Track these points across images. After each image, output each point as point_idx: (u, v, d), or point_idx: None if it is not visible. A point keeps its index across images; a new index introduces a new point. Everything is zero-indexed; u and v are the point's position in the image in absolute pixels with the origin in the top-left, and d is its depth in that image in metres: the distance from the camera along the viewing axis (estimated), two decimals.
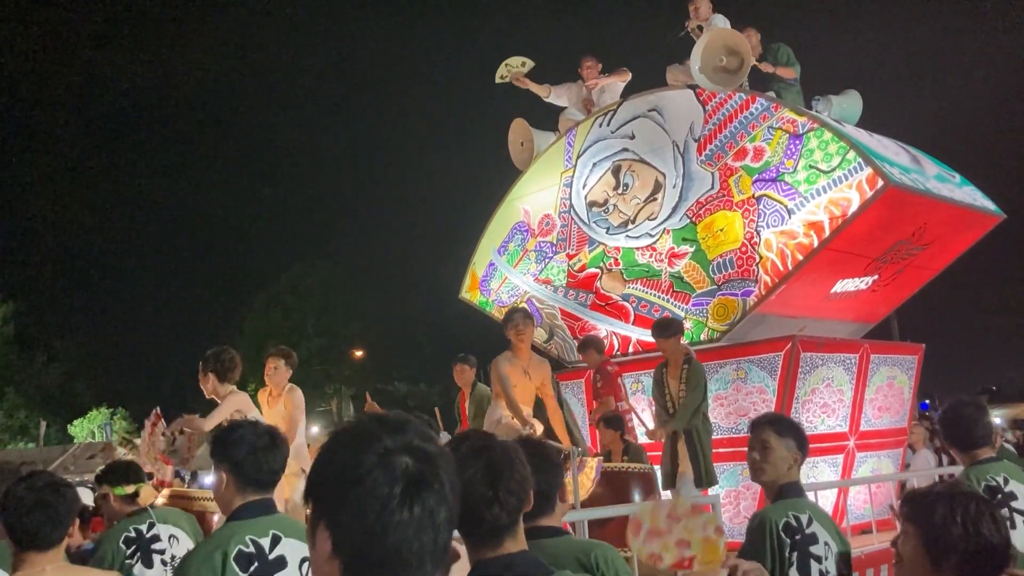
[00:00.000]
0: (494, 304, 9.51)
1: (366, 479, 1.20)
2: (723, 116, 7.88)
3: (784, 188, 7.46)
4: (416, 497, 1.21)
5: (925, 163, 8.11)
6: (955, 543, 2.12)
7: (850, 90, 8.67)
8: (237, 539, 2.59)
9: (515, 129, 9.75)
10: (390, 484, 1.20)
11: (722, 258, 7.79)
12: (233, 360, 5.80)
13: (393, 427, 1.27)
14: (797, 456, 3.13)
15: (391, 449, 1.23)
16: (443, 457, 1.28)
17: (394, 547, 1.20)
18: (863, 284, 8.06)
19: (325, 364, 37.47)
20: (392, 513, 1.19)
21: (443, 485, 1.25)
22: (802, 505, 3.06)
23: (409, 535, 1.20)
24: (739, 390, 7.51)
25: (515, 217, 9.46)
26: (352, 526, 1.20)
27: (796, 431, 3.19)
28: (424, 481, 1.22)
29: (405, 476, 1.21)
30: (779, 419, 3.33)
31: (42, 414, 34.08)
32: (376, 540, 1.19)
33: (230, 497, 2.70)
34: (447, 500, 1.25)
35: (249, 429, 2.77)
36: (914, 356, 8.67)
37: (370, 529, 1.19)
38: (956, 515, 2.14)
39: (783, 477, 3.12)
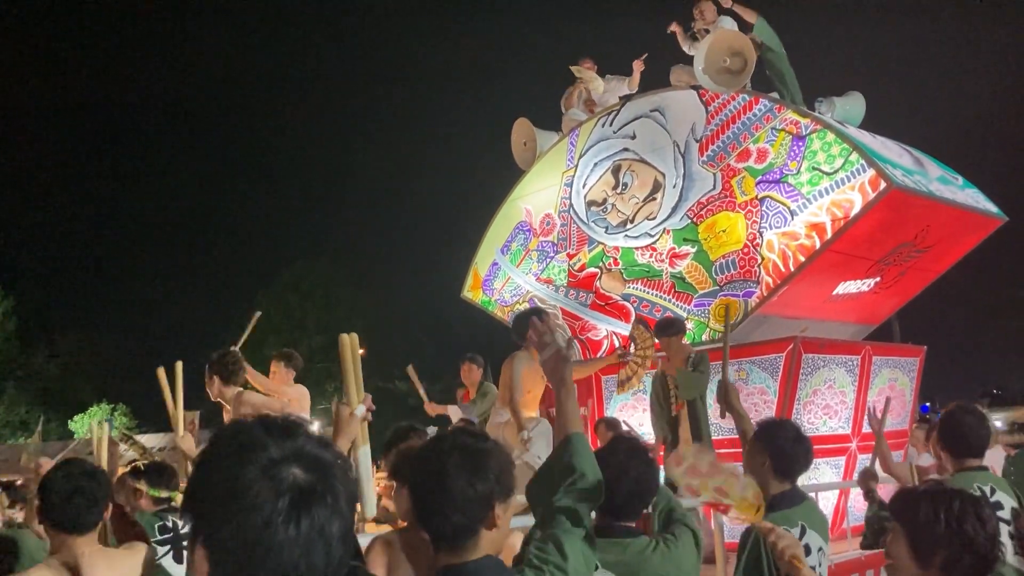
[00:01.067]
0: (496, 304, 9.51)
1: (247, 492, 1.09)
2: (726, 117, 7.88)
3: (787, 189, 7.45)
4: (305, 511, 1.10)
5: (928, 165, 8.11)
6: (939, 541, 2.13)
7: (853, 92, 8.66)
8: None
9: (518, 129, 9.75)
10: (275, 498, 1.09)
11: (724, 259, 7.78)
12: (237, 362, 5.81)
13: (280, 433, 1.16)
14: (765, 460, 3.11)
15: (277, 459, 1.12)
16: (338, 465, 1.18)
17: (279, 567, 1.09)
18: (865, 286, 8.05)
19: (326, 362, 37.43)
20: (276, 530, 1.08)
21: (337, 496, 1.14)
22: (794, 517, 3.02)
23: (296, 553, 1.09)
24: (740, 391, 7.43)
25: (517, 217, 9.47)
26: (232, 545, 1.09)
27: (768, 438, 3.16)
28: (314, 493, 1.12)
29: (292, 488, 1.11)
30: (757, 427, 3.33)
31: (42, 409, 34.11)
32: (258, 560, 1.08)
33: None
34: (341, 512, 1.14)
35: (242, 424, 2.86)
36: (916, 358, 8.66)
37: (251, 548, 1.08)
38: (940, 513, 2.15)
39: (768, 488, 3.08)
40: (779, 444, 3.14)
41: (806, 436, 3.26)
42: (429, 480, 1.92)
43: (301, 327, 37.44)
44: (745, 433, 3.43)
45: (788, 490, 3.13)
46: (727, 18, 8.49)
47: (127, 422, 35.19)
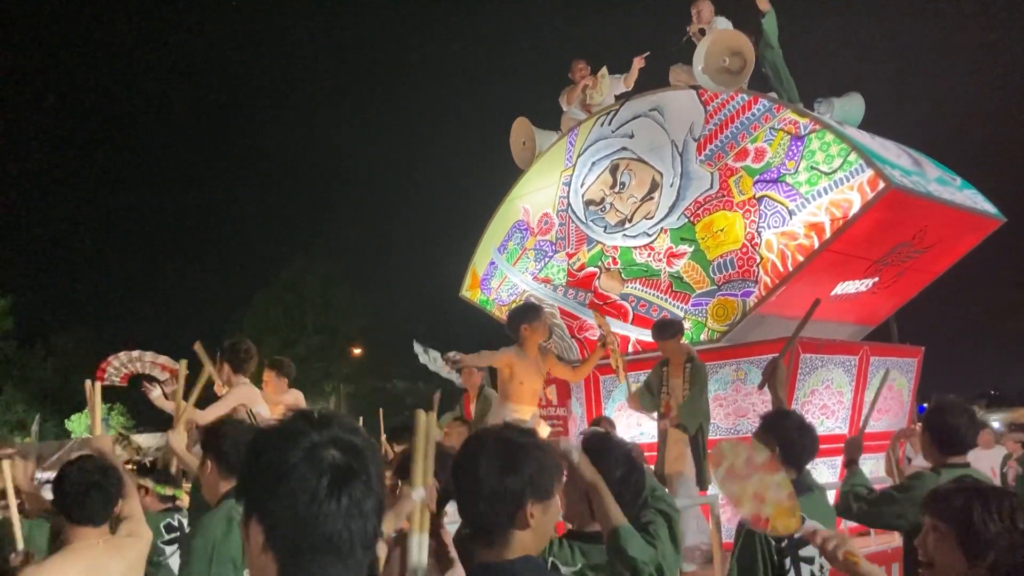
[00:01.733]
0: (494, 303, 9.51)
1: (294, 473, 1.25)
2: (725, 116, 7.87)
3: (785, 189, 7.45)
4: (344, 488, 1.26)
5: (926, 166, 8.11)
6: (993, 539, 2.14)
7: (852, 92, 8.66)
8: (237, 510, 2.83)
9: (517, 128, 9.75)
10: (317, 476, 1.25)
11: (722, 258, 7.78)
12: (249, 352, 5.80)
13: (318, 422, 1.32)
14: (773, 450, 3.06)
15: (317, 443, 1.28)
16: (369, 449, 1.33)
17: (325, 536, 1.25)
18: (863, 286, 8.05)
19: (324, 361, 37.44)
20: (321, 504, 1.24)
21: (369, 476, 1.30)
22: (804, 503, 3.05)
23: (339, 524, 1.25)
24: (738, 391, 7.50)
25: (515, 216, 9.46)
26: (284, 518, 1.25)
27: (776, 429, 3.19)
28: (351, 472, 1.27)
29: (332, 468, 1.26)
30: (763, 420, 3.34)
31: (39, 409, 34.08)
32: (307, 530, 1.25)
33: (215, 482, 3.11)
34: (374, 490, 1.30)
35: (237, 426, 3.23)
36: (914, 359, 8.66)
37: (301, 520, 1.24)
38: (992, 511, 2.16)
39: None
40: (786, 434, 3.19)
41: (811, 426, 3.32)
42: (464, 466, 1.95)
43: (299, 327, 37.44)
44: None
45: (793, 480, 3.12)
46: (722, 19, 8.50)
47: (124, 422, 35.14)
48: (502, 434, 1.98)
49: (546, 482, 1.93)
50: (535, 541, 1.92)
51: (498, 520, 1.88)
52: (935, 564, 2.22)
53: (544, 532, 1.95)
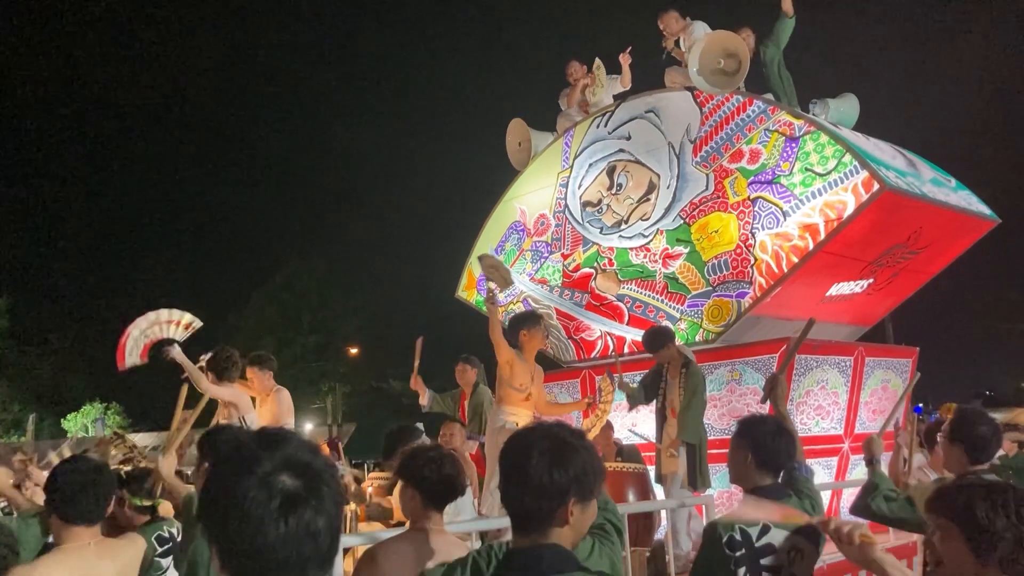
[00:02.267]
0: None
1: (244, 500, 1.30)
2: (720, 118, 7.90)
3: (780, 190, 7.47)
4: (293, 512, 1.31)
5: (921, 167, 8.14)
6: (999, 533, 2.13)
7: (847, 94, 8.69)
8: None
9: (513, 129, 9.75)
10: (267, 502, 1.30)
11: (717, 259, 7.80)
12: (229, 359, 5.88)
13: (272, 445, 1.36)
14: (747, 455, 3.12)
15: (269, 470, 1.33)
16: (324, 469, 1.37)
17: (277, 560, 1.30)
18: (858, 287, 8.08)
19: (320, 361, 37.44)
20: (270, 529, 1.29)
21: (322, 498, 1.34)
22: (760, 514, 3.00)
23: (289, 549, 1.30)
24: (733, 391, 7.53)
25: (511, 217, 9.48)
26: (236, 544, 1.31)
27: (750, 434, 3.15)
28: (300, 496, 1.32)
29: (282, 494, 1.31)
30: (738, 425, 3.32)
31: (36, 408, 34.03)
32: (258, 555, 1.30)
33: None
34: (326, 510, 1.34)
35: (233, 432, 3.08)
36: (908, 359, 8.69)
37: (252, 546, 1.30)
38: (999, 507, 2.15)
39: (749, 480, 3.12)
40: (760, 438, 3.13)
41: (788, 430, 3.24)
42: (514, 458, 2.00)
43: (296, 326, 37.41)
44: None
45: (770, 484, 3.12)
46: (699, 23, 8.53)
47: (120, 421, 35.12)
48: (554, 431, 2.03)
49: (590, 483, 1.99)
50: (569, 538, 1.99)
51: (540, 513, 1.95)
52: (943, 563, 2.22)
53: (579, 530, 2.02)
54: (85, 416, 34.70)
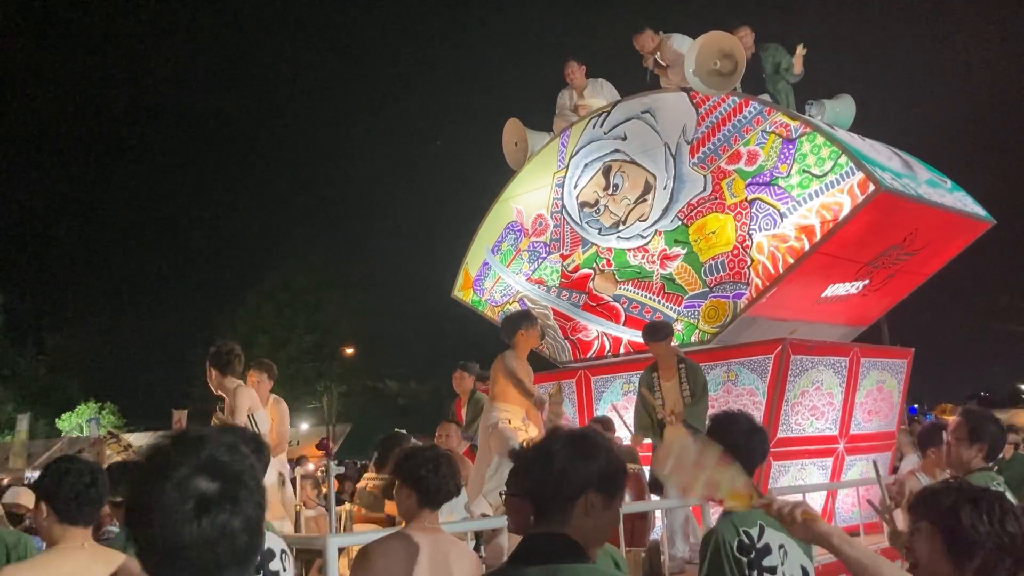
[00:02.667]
0: (487, 303, 9.52)
1: (159, 504, 1.33)
2: (716, 119, 7.91)
3: (777, 192, 7.49)
4: (206, 514, 1.33)
5: (917, 168, 8.15)
6: (981, 541, 2.11)
7: (843, 95, 8.71)
8: None
9: (509, 129, 9.76)
10: (181, 504, 1.32)
11: (714, 260, 7.81)
12: (231, 352, 5.85)
13: (190, 448, 1.38)
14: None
15: (186, 472, 1.35)
16: (245, 469, 1.40)
17: (189, 562, 1.33)
18: (854, 288, 8.10)
19: (316, 361, 37.41)
20: (181, 532, 1.32)
21: (237, 499, 1.36)
22: (752, 516, 2.97)
23: (203, 550, 1.33)
24: (729, 392, 7.54)
25: (508, 217, 9.48)
26: (150, 548, 1.34)
27: (723, 433, 3.06)
28: (215, 499, 1.34)
29: (195, 496, 1.33)
30: (711, 423, 3.28)
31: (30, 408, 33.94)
32: (170, 558, 1.33)
33: None
34: (243, 511, 1.36)
35: (237, 434, 2.93)
36: (903, 360, 8.71)
37: (162, 549, 1.33)
38: (982, 514, 2.14)
39: None
40: (734, 437, 3.02)
41: (761, 428, 3.20)
42: (541, 447, 2.09)
43: (291, 326, 37.38)
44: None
45: None
46: (677, 36, 8.55)
47: (115, 420, 35.02)
48: (583, 427, 2.14)
49: (613, 479, 2.06)
50: (590, 534, 2.02)
51: (559, 497, 2.01)
52: (920, 565, 2.20)
53: (600, 530, 2.06)
54: (79, 416, 34.60)
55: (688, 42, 8.32)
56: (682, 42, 8.48)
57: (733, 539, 2.89)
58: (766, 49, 8.44)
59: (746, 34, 8.37)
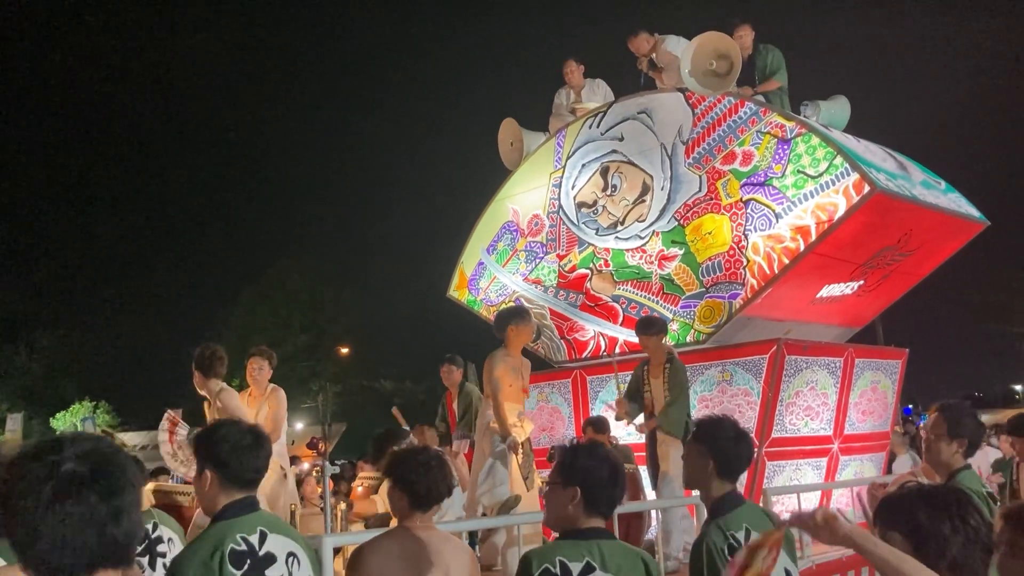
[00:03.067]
0: (482, 303, 9.53)
1: (29, 489, 1.39)
2: (712, 119, 7.93)
3: (772, 192, 7.51)
4: (73, 502, 1.38)
5: (911, 169, 8.18)
6: (948, 538, 2.13)
7: (838, 96, 8.73)
8: (229, 538, 2.64)
9: (505, 129, 9.75)
10: (47, 492, 1.38)
11: (711, 261, 7.83)
12: (214, 355, 5.88)
13: (71, 442, 1.44)
14: (708, 463, 3.05)
15: (58, 461, 1.40)
16: (116, 462, 1.45)
17: (52, 545, 1.37)
18: (849, 289, 8.12)
19: (311, 360, 37.36)
20: (45, 517, 1.37)
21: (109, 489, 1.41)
22: (739, 519, 3.00)
23: (63, 533, 1.37)
24: (724, 392, 7.56)
25: (504, 217, 9.48)
26: (18, 532, 1.39)
27: (709, 440, 3.09)
28: (83, 485, 1.40)
29: (63, 482, 1.39)
30: (696, 428, 3.28)
31: (24, 407, 33.85)
32: (33, 540, 1.38)
33: (214, 495, 2.74)
34: (112, 502, 1.41)
35: (232, 428, 2.82)
36: (898, 361, 8.74)
37: (27, 532, 1.38)
38: (939, 511, 2.16)
39: (711, 491, 3.07)
40: (721, 444, 3.08)
41: (745, 433, 3.19)
42: None
43: (286, 326, 37.32)
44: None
45: (730, 492, 3.08)
46: (671, 37, 8.57)
47: (110, 419, 34.94)
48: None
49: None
50: None
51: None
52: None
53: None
54: (74, 415, 34.49)
55: (683, 43, 8.34)
56: (676, 44, 8.51)
57: (723, 544, 2.93)
58: (760, 51, 8.45)
59: (746, 33, 8.38)
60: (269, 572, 2.69)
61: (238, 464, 2.73)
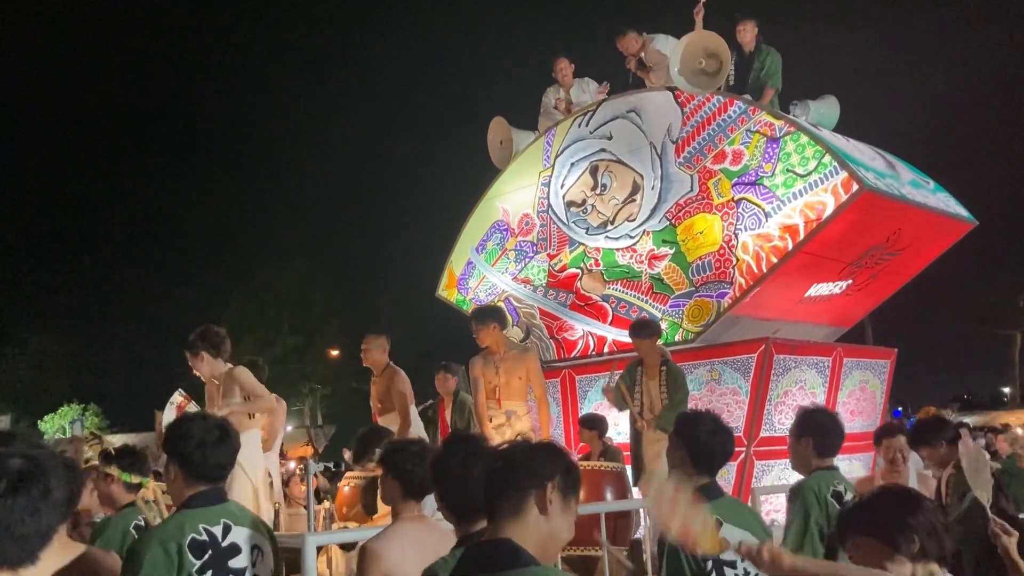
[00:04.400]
0: (471, 302, 9.49)
1: None
2: (701, 118, 7.92)
3: (762, 191, 7.51)
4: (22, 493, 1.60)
5: (900, 169, 8.20)
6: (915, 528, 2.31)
7: (828, 95, 8.74)
8: (190, 527, 2.69)
9: (494, 127, 9.73)
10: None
11: (701, 260, 7.82)
12: (219, 334, 5.66)
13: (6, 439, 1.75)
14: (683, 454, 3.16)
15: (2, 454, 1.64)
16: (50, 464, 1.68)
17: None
18: (837, 288, 8.12)
19: (301, 363, 37.24)
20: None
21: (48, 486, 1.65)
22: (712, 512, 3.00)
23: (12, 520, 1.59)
24: (713, 391, 7.54)
25: (494, 216, 9.45)
26: None
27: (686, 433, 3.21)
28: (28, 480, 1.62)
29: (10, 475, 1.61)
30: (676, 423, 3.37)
31: (12, 409, 33.68)
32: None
33: (180, 489, 2.83)
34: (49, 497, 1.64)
35: (199, 423, 2.88)
36: (887, 360, 8.74)
37: None
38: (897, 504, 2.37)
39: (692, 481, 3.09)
40: (696, 436, 3.16)
41: (726, 428, 3.26)
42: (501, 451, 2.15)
43: (276, 327, 37.21)
44: None
45: (706, 483, 3.13)
46: (661, 36, 8.57)
47: (99, 422, 34.80)
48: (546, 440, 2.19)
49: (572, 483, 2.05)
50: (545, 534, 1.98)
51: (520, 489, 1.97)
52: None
53: (555, 535, 2.00)
54: (62, 417, 34.35)
55: (672, 42, 8.33)
56: (665, 43, 8.50)
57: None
58: (761, 50, 8.46)
59: (749, 28, 8.40)
60: (232, 563, 2.74)
61: (202, 459, 2.78)
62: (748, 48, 8.42)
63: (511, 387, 6.91)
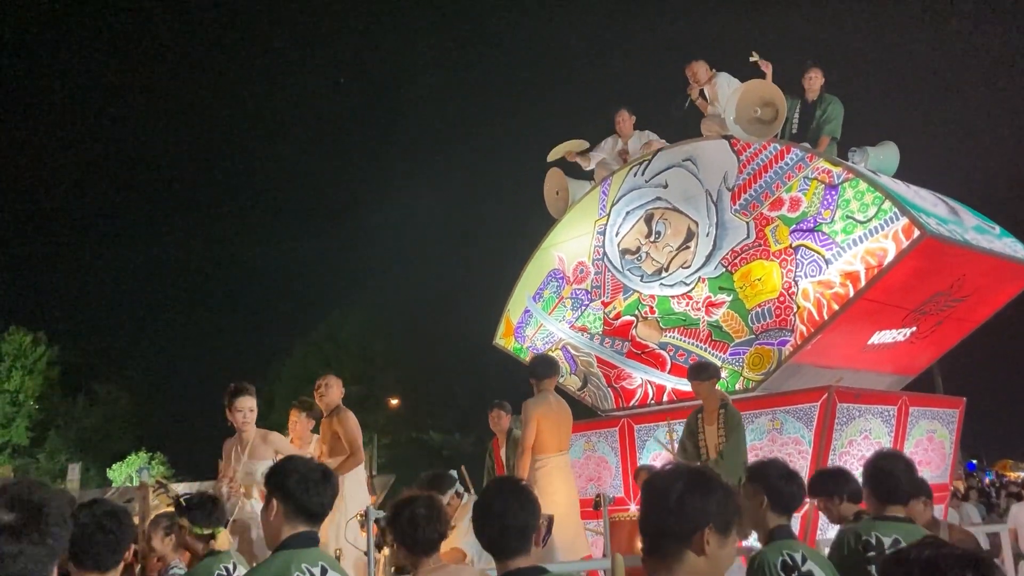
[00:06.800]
0: (528, 351, 9.52)
1: None
2: (758, 166, 7.92)
3: (821, 238, 7.45)
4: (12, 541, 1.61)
5: (964, 214, 8.06)
6: None
7: (887, 142, 8.67)
8: (295, 567, 2.70)
9: (551, 178, 9.87)
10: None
11: (760, 307, 7.76)
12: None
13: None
14: (762, 500, 3.31)
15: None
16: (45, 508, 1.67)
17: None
18: (901, 335, 7.97)
19: (361, 412, 37.38)
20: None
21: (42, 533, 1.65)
22: (795, 544, 3.23)
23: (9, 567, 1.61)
24: (775, 441, 7.42)
25: (550, 264, 9.53)
26: None
27: (762, 478, 3.37)
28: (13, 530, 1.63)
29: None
30: (748, 471, 3.55)
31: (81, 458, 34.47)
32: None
33: (279, 525, 2.78)
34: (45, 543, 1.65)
35: (303, 462, 2.90)
36: (955, 410, 8.51)
37: None
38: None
39: (764, 522, 3.31)
40: (772, 482, 3.35)
41: (796, 473, 3.45)
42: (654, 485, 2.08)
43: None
44: None
45: (784, 524, 3.31)
46: (724, 74, 8.63)
47: (164, 471, 35.39)
48: (694, 466, 2.14)
49: (728, 516, 2.03)
50: (706, 571, 1.99)
51: (676, 537, 1.98)
52: None
53: (717, 567, 2.02)
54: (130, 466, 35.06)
55: (734, 83, 8.38)
56: (728, 81, 8.53)
57: (776, 559, 3.13)
58: (823, 99, 8.51)
59: (816, 75, 8.48)
60: None
61: (305, 496, 2.77)
62: (812, 96, 8.44)
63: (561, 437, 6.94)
